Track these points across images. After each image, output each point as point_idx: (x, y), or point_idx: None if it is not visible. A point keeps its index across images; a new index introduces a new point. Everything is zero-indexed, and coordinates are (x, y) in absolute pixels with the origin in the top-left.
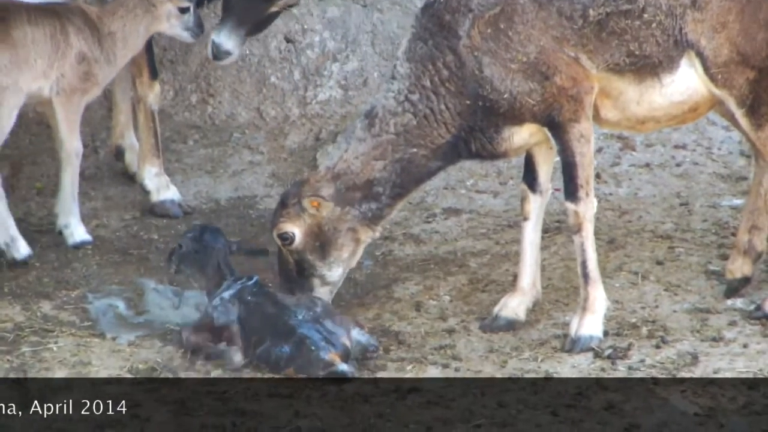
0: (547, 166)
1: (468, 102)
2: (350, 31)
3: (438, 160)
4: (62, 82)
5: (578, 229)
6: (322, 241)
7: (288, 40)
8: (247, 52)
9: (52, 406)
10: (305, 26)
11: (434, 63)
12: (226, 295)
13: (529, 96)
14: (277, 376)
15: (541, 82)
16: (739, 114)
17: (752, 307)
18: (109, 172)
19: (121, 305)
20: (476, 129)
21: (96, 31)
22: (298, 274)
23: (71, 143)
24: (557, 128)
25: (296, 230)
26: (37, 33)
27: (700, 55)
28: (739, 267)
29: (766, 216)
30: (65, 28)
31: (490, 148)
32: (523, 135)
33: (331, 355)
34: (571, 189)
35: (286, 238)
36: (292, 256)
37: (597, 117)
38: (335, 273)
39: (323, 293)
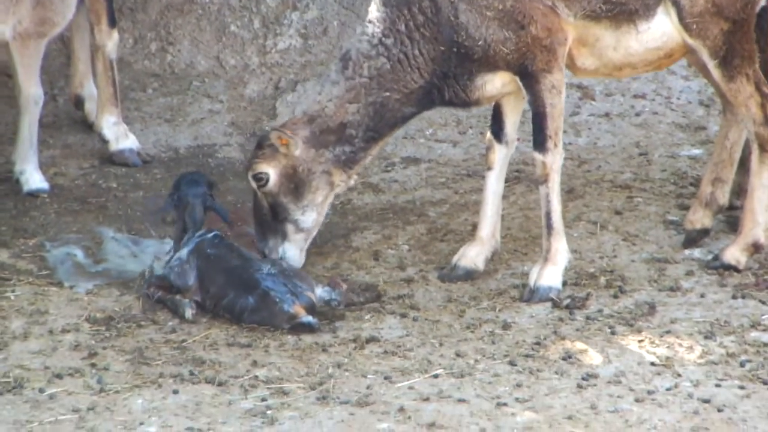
0: (514, 116)
1: (442, 48)
2: None
3: (411, 105)
4: (18, 27)
5: (545, 179)
6: (296, 183)
7: None
8: (207, 0)
9: (8, 354)
10: None
11: (410, 8)
12: (184, 253)
13: (504, 44)
14: (234, 326)
15: (516, 31)
16: (711, 65)
17: (710, 257)
18: (68, 120)
19: (79, 254)
20: (450, 76)
21: None
22: (272, 218)
23: (29, 89)
24: (529, 78)
25: (271, 171)
26: None
27: (676, 4)
28: (699, 218)
29: (730, 169)
30: None
31: (462, 96)
32: (495, 84)
33: (295, 308)
34: (540, 139)
35: (261, 179)
36: (267, 199)
37: (573, 66)
38: (309, 218)
39: (298, 240)
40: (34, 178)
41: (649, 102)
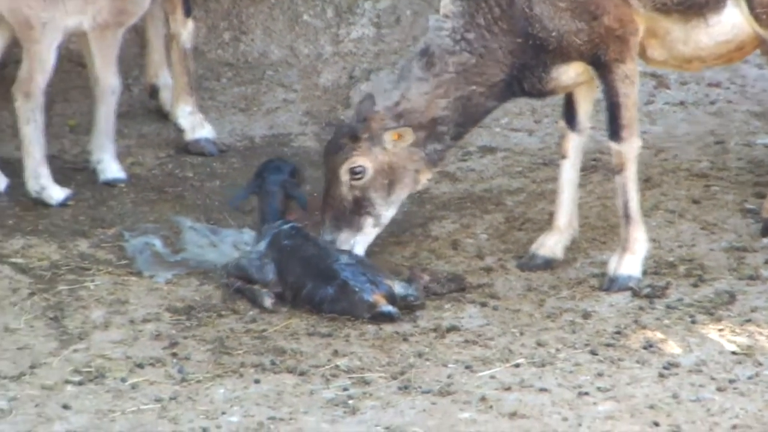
0: (587, 104)
1: (519, 40)
2: None
3: (494, 99)
4: (98, 17)
5: (621, 169)
6: (390, 180)
7: None
8: None
9: (90, 344)
10: None
11: (486, 1)
12: (262, 246)
13: (577, 35)
14: (315, 315)
15: (589, 21)
16: None
17: None
18: (143, 110)
19: (157, 243)
20: (527, 68)
21: None
22: (352, 212)
23: (106, 79)
24: (603, 68)
25: (369, 164)
26: None
27: None
28: None
29: None
30: None
31: (539, 87)
32: (570, 74)
33: (375, 297)
34: (614, 129)
35: (358, 172)
36: (354, 192)
37: (644, 56)
38: (389, 214)
39: (371, 234)
40: (111, 168)
41: (724, 90)
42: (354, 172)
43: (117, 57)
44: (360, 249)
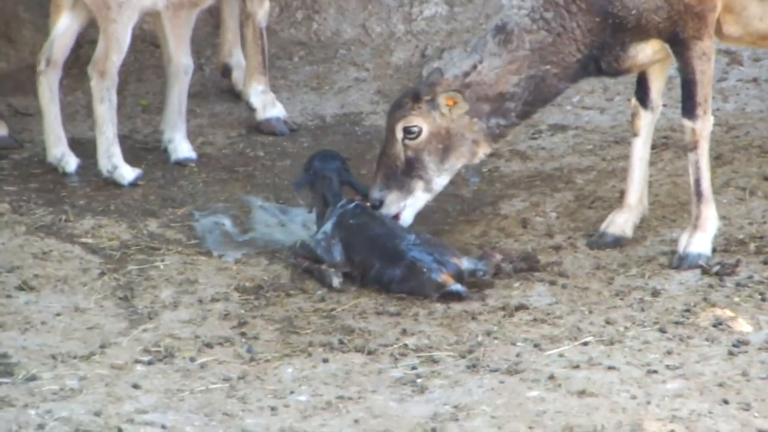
0: (659, 82)
1: (597, 19)
2: None
3: (567, 79)
4: None
5: (694, 146)
6: (444, 146)
7: None
8: None
9: (159, 323)
10: None
11: None
12: (329, 227)
13: (656, 13)
14: (383, 294)
15: None
16: None
17: None
18: (215, 89)
19: (227, 223)
20: (605, 46)
21: None
22: (403, 173)
23: (179, 58)
24: (680, 45)
25: (425, 126)
26: None
27: None
28: None
29: None
30: None
31: (616, 66)
32: (647, 52)
33: (443, 276)
34: (689, 106)
35: (413, 132)
36: (407, 152)
37: (719, 32)
38: (442, 181)
39: (421, 199)
40: (182, 147)
41: None
42: (409, 132)
43: (190, 37)
44: (410, 214)
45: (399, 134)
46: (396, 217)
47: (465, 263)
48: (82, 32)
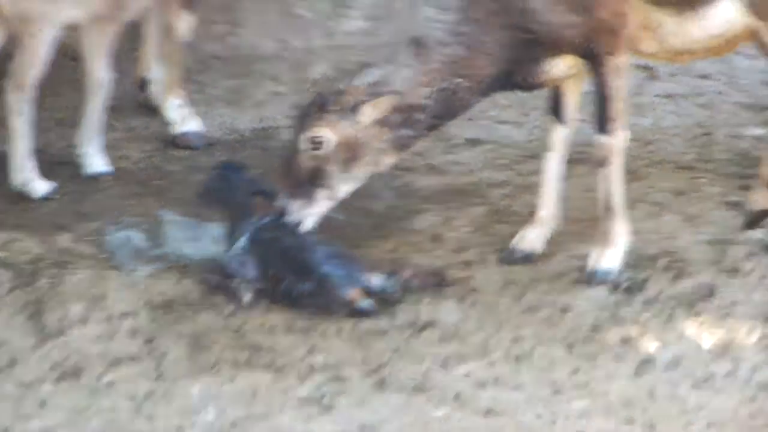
0: (574, 97)
1: (513, 34)
2: None
3: (479, 93)
4: (93, 13)
5: (607, 162)
6: (351, 155)
7: None
8: None
9: (68, 339)
10: None
11: None
12: (243, 242)
13: (570, 29)
14: (292, 311)
15: (583, 14)
16: None
17: None
18: (132, 103)
19: (139, 237)
20: (519, 61)
21: None
22: (308, 181)
23: (98, 72)
24: (594, 61)
25: (332, 136)
26: None
27: None
28: (761, 199)
29: None
30: None
31: (530, 80)
32: (561, 67)
33: (353, 293)
34: (603, 121)
35: (319, 142)
36: (313, 161)
37: (634, 47)
38: (346, 189)
39: (324, 207)
40: (96, 162)
41: (714, 82)
42: (315, 142)
43: (110, 51)
44: (312, 221)
45: (305, 144)
46: (298, 224)
47: (375, 280)
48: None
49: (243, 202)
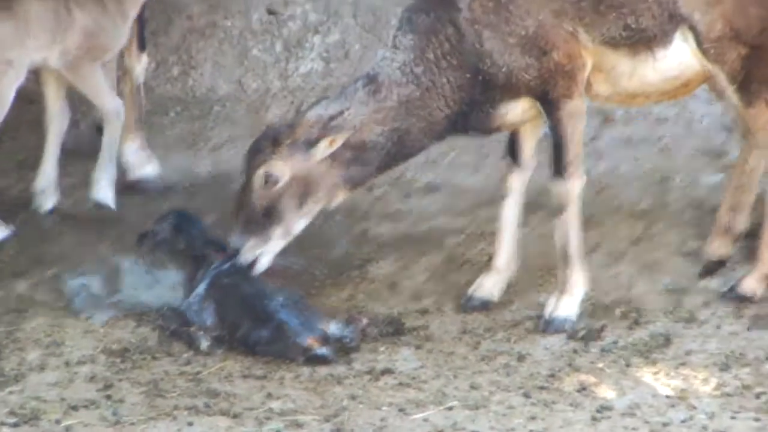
0: (531, 142)
1: (468, 76)
2: (332, 3)
3: (433, 135)
4: (68, 56)
5: (563, 208)
6: (304, 190)
7: (270, 12)
8: (229, 24)
9: (25, 386)
10: None
11: (437, 36)
12: (202, 289)
13: (526, 71)
14: (250, 357)
15: (539, 57)
16: (730, 90)
17: (726, 288)
18: (90, 147)
19: (95, 285)
20: (474, 103)
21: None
22: (262, 218)
23: (105, 105)
24: (550, 104)
25: (285, 171)
26: (40, 6)
27: (693, 29)
28: (717, 247)
29: (749, 195)
30: (68, 4)
31: (486, 123)
32: (517, 111)
33: (309, 340)
34: (559, 166)
35: (273, 177)
36: (266, 197)
37: (588, 91)
38: (300, 225)
39: (279, 245)
40: (106, 193)
41: (671, 127)
42: (269, 178)
43: (104, 84)
44: (267, 259)
45: (258, 180)
46: (253, 263)
47: (332, 328)
48: None
49: (196, 253)
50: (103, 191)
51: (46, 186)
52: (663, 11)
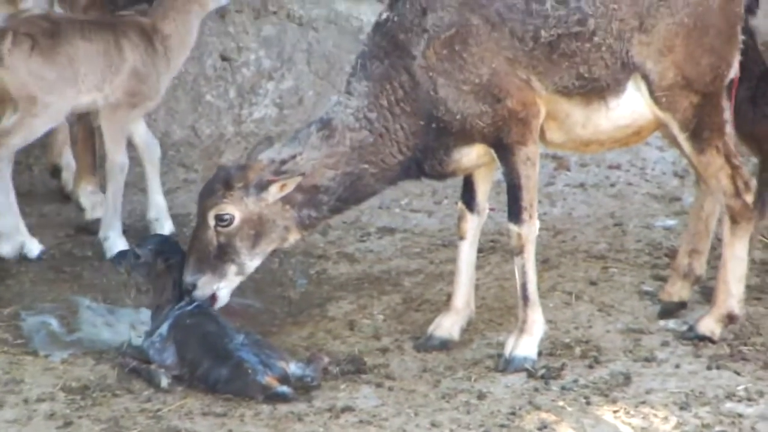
0: (485, 185)
1: (422, 122)
2: (285, 50)
3: (385, 180)
4: (111, 96)
5: (520, 251)
6: (256, 231)
7: (224, 59)
8: (183, 69)
9: None
10: (241, 44)
11: (391, 82)
12: (164, 329)
13: (480, 118)
14: (210, 395)
15: (493, 104)
16: (681, 138)
17: (685, 327)
18: (44, 189)
19: (54, 323)
20: (428, 149)
21: (150, 44)
22: (216, 257)
23: (116, 156)
24: (505, 150)
25: (237, 213)
26: (90, 48)
27: (645, 78)
28: (677, 290)
29: (707, 239)
30: (119, 43)
31: (439, 169)
32: (471, 156)
33: (268, 379)
34: (515, 211)
35: (225, 220)
36: (219, 237)
37: (542, 138)
38: (254, 264)
39: (234, 282)
40: (117, 244)
41: (624, 173)
42: (221, 219)
43: (126, 136)
44: (224, 296)
45: (211, 221)
46: (212, 299)
47: (292, 368)
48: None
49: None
50: (116, 245)
51: (108, 234)
52: (616, 60)
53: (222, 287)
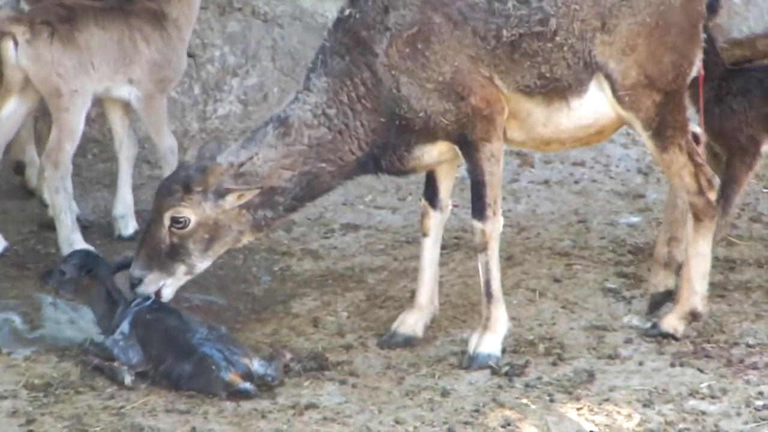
0: (448, 182)
1: (383, 119)
2: (250, 46)
3: (342, 177)
4: (140, 89)
5: (484, 247)
6: (210, 235)
7: (188, 55)
8: None
9: None
10: (205, 41)
11: (352, 79)
12: (126, 327)
13: (444, 116)
14: (173, 392)
15: (456, 102)
16: (645, 136)
17: (648, 324)
18: (8, 185)
19: (17, 320)
20: (389, 146)
21: (164, 30)
22: (167, 255)
23: (163, 141)
24: (469, 147)
25: (193, 217)
26: (103, 37)
27: (608, 77)
28: (661, 280)
29: (683, 227)
30: (133, 35)
31: (399, 166)
32: (433, 153)
33: (231, 376)
34: (478, 207)
35: (180, 222)
36: (172, 238)
37: (504, 136)
38: (203, 265)
39: (181, 280)
40: (133, 223)
41: (588, 170)
42: (177, 221)
43: (166, 120)
44: (169, 293)
45: (166, 221)
46: (157, 294)
47: (255, 365)
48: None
49: (108, 292)
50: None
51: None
52: (578, 60)
53: (168, 285)
